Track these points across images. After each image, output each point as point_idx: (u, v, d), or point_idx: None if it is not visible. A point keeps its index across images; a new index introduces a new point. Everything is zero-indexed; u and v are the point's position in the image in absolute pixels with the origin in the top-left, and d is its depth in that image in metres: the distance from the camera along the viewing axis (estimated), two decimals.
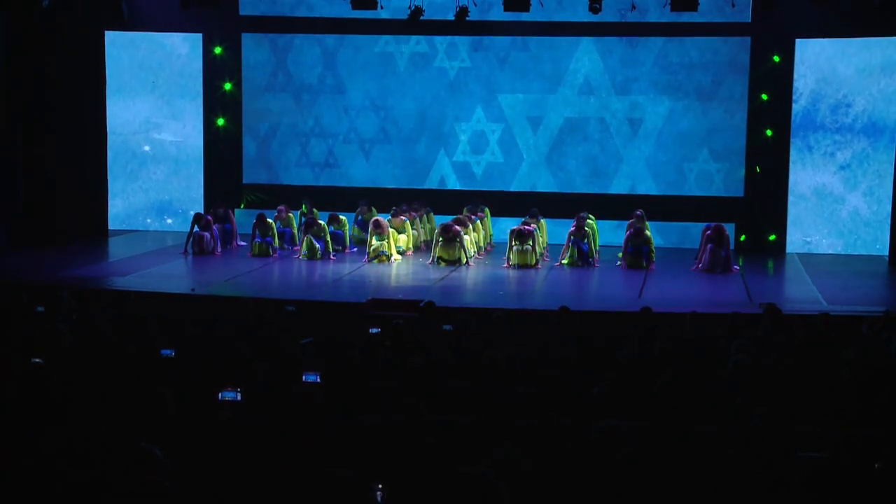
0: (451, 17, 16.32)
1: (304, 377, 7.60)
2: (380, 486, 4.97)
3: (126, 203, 18.42)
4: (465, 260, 15.00)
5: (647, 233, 15.15)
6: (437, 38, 17.35)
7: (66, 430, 5.78)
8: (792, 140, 16.76)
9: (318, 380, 7.60)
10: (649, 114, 17.57)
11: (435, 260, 15.12)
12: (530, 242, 14.90)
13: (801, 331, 9.15)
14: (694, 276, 14.63)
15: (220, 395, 6.97)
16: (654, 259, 15.02)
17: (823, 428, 6.43)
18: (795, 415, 6.58)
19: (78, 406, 6.42)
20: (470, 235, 15.43)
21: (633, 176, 16.90)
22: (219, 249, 15.70)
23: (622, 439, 5.37)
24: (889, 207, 15.55)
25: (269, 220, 15.74)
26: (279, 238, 15.89)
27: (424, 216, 16.76)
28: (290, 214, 16.37)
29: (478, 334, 9.45)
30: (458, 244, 14.96)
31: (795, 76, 16.70)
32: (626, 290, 13.67)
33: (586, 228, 15.20)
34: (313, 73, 18.33)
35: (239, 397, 6.97)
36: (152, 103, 18.32)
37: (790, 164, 16.47)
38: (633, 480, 5.12)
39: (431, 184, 17.84)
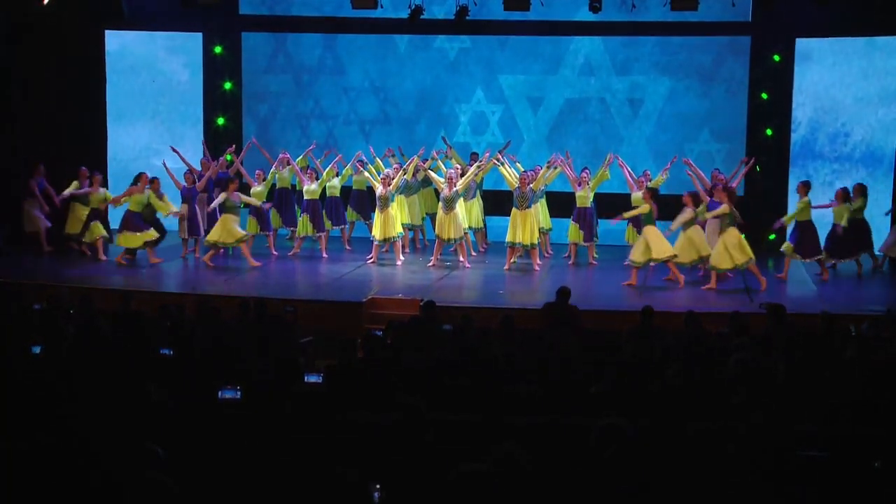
0: (450, 10, 16.35)
1: (305, 377, 7.62)
2: (377, 486, 4.98)
3: None
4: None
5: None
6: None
7: (66, 428, 5.78)
8: (791, 169, 16.79)
9: (319, 380, 7.62)
10: (650, 94, 17.60)
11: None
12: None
13: (801, 330, 9.15)
14: (695, 274, 14.60)
15: (220, 393, 6.98)
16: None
17: (823, 428, 6.43)
18: (795, 414, 6.58)
19: (79, 404, 6.42)
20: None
21: (634, 157, 16.89)
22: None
23: (622, 438, 5.36)
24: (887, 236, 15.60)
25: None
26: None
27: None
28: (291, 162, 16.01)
29: (478, 333, 9.44)
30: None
31: (794, 105, 16.78)
32: (627, 289, 13.66)
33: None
34: (313, 55, 18.34)
35: (239, 395, 6.98)
36: (152, 130, 18.27)
37: (788, 194, 16.37)
38: (632, 479, 5.13)
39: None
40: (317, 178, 15.67)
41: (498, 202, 16.64)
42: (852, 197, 14.58)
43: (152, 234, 14.74)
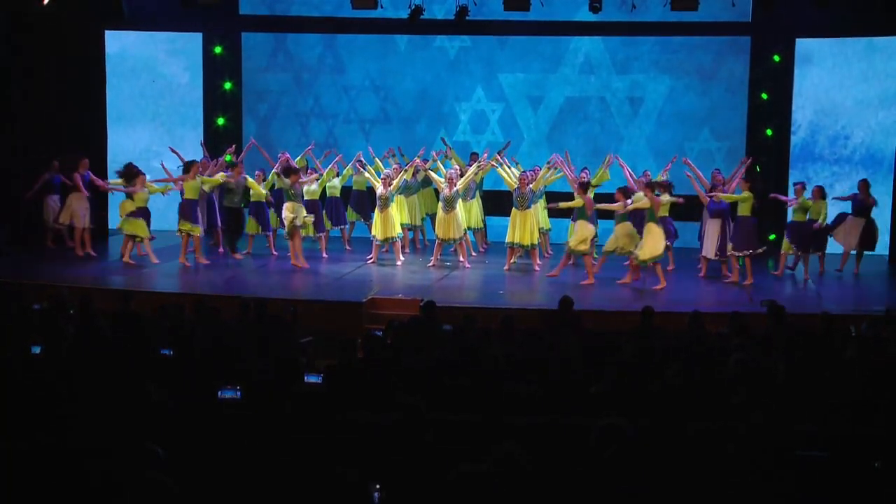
0: (450, 10, 16.36)
1: (305, 377, 7.62)
2: (377, 486, 4.98)
3: None
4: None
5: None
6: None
7: (66, 428, 5.78)
8: (790, 171, 16.80)
9: (319, 380, 7.62)
10: (650, 93, 17.64)
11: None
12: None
13: (801, 330, 9.15)
14: (694, 275, 14.60)
15: (219, 393, 6.98)
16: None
17: (823, 428, 6.43)
18: (795, 414, 6.58)
19: (79, 404, 6.42)
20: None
21: (634, 155, 16.90)
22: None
23: (622, 438, 5.36)
24: (888, 237, 15.60)
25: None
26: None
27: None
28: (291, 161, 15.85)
29: (478, 333, 9.43)
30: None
31: (794, 107, 16.82)
32: (627, 289, 13.66)
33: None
34: (313, 54, 18.36)
35: (239, 395, 6.98)
36: (152, 132, 18.23)
37: (788, 195, 16.34)
38: (632, 479, 5.13)
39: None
40: (317, 179, 15.67)
41: (498, 202, 16.64)
42: (811, 199, 14.55)
43: (198, 230, 14.90)
